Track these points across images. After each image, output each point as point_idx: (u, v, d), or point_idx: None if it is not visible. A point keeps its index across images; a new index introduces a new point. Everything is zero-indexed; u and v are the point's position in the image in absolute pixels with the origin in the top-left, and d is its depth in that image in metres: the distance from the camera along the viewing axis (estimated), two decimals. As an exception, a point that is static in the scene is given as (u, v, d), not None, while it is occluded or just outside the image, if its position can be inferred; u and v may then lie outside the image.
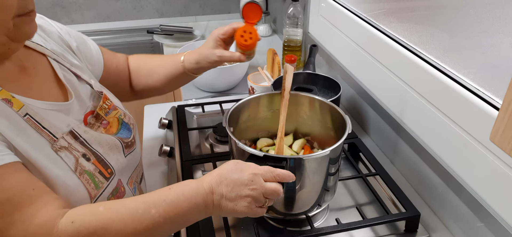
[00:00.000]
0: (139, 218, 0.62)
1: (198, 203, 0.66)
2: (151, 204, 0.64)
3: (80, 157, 0.71)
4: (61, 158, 0.68)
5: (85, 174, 0.70)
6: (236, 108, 0.88)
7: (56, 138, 0.68)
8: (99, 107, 0.81)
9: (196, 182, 0.68)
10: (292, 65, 1.38)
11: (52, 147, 0.67)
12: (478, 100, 0.78)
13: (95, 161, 0.73)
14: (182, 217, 0.66)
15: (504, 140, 0.42)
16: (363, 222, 0.83)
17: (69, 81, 0.78)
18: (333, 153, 0.78)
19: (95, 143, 0.75)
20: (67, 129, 0.71)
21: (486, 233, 0.76)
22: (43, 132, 0.67)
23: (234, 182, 0.67)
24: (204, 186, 0.67)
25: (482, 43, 0.81)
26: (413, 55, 0.97)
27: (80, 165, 0.70)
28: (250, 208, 0.68)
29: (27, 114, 0.66)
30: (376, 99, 1.12)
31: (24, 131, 0.65)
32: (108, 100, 0.84)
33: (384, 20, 1.12)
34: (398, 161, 1.05)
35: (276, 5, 2.06)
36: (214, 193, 0.67)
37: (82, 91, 0.80)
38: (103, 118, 0.81)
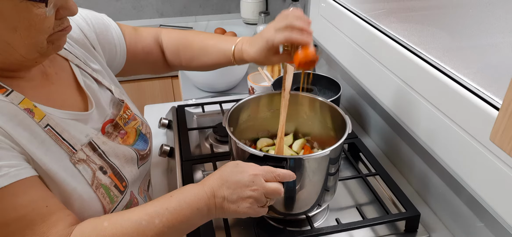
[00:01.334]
0: (143, 229, 0.62)
1: (201, 208, 0.66)
2: (154, 214, 0.63)
3: (97, 170, 0.69)
4: (79, 171, 0.67)
5: (101, 188, 0.69)
6: (236, 108, 0.88)
7: (75, 150, 0.67)
8: (119, 117, 0.80)
9: (197, 187, 0.67)
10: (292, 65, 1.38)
11: (71, 160, 0.66)
12: (478, 100, 0.78)
13: (111, 175, 0.72)
14: (186, 223, 0.66)
15: (504, 140, 0.42)
16: (363, 222, 0.83)
17: (89, 87, 0.76)
18: (333, 153, 0.78)
19: (112, 155, 0.73)
20: (86, 140, 0.70)
21: (486, 233, 0.76)
22: (63, 144, 0.66)
23: (235, 184, 0.66)
24: (206, 190, 0.67)
25: (482, 43, 0.81)
26: (413, 55, 0.97)
27: (97, 179, 0.69)
28: (252, 209, 0.68)
29: (48, 125, 0.64)
30: (376, 99, 1.12)
31: (44, 143, 0.63)
32: (129, 110, 0.83)
33: (384, 20, 1.12)
34: (398, 161, 1.05)
35: (276, 5, 2.06)
36: (216, 197, 0.67)
37: (103, 98, 0.78)
38: (122, 128, 0.80)
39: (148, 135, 0.86)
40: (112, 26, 0.91)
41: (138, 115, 0.87)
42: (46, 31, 0.61)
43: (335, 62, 1.36)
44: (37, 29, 0.59)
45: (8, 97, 0.61)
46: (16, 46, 0.60)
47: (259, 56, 0.84)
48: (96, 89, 0.78)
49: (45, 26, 0.60)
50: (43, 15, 0.59)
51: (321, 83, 1.20)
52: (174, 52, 0.97)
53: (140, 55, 0.95)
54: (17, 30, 0.58)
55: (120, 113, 0.80)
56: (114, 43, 0.90)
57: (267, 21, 2.06)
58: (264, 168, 0.69)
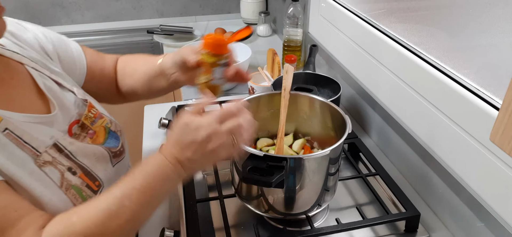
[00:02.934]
0: (115, 214, 0.60)
1: (170, 176, 0.64)
2: (122, 196, 0.61)
3: (65, 171, 0.67)
4: (45, 173, 0.65)
5: (72, 189, 0.67)
6: (236, 108, 0.88)
7: (39, 152, 0.65)
8: (85, 116, 0.78)
9: (158, 157, 0.64)
10: (292, 65, 1.38)
11: (35, 163, 0.64)
12: (478, 100, 0.78)
13: (81, 175, 0.70)
14: (158, 196, 0.65)
15: (504, 140, 0.42)
16: (363, 222, 0.83)
17: (50, 90, 0.74)
18: (333, 153, 0.78)
19: (81, 155, 0.71)
20: (50, 142, 0.68)
21: (486, 233, 0.76)
22: (25, 147, 0.64)
23: (192, 144, 0.63)
24: (169, 159, 0.64)
25: (482, 43, 0.81)
26: (413, 55, 0.97)
27: (66, 180, 0.67)
28: (222, 155, 0.65)
29: (6, 129, 0.62)
30: (376, 99, 1.12)
31: (5, 147, 0.61)
32: (94, 109, 0.81)
33: (384, 20, 1.12)
34: (398, 161, 1.05)
35: (276, 5, 2.06)
36: (181, 161, 0.64)
37: (66, 99, 0.76)
38: (89, 128, 0.78)
39: (119, 133, 0.84)
40: (71, 43, 0.90)
41: (105, 113, 0.85)
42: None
43: (335, 62, 1.36)
44: None
45: None
46: None
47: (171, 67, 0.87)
48: (58, 91, 0.76)
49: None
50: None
51: (321, 83, 1.20)
52: (122, 68, 0.98)
53: (97, 76, 0.93)
54: None
55: (85, 112, 0.78)
56: (73, 58, 0.88)
57: (267, 21, 2.06)
58: (214, 114, 0.65)
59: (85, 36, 2.18)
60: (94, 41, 2.16)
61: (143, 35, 2.18)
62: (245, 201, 0.84)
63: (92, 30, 2.19)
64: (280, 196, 0.78)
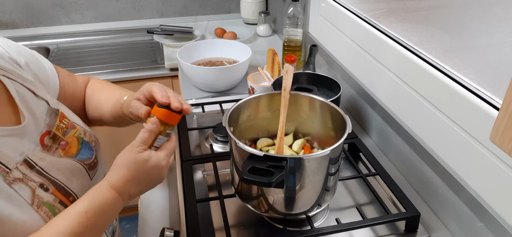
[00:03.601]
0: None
1: (119, 209, 0.69)
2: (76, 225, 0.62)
3: (37, 188, 0.64)
4: (15, 191, 0.61)
5: (44, 206, 0.64)
6: (236, 108, 0.88)
7: (8, 169, 0.62)
8: (56, 127, 0.73)
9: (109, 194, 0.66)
10: (292, 65, 1.38)
11: (5, 180, 0.60)
12: (478, 100, 0.78)
13: (54, 191, 0.67)
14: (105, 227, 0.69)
15: (504, 140, 0.42)
16: (363, 222, 0.83)
17: (23, 98, 0.70)
18: (333, 153, 0.78)
19: (53, 170, 0.68)
20: (20, 158, 0.64)
21: (486, 233, 0.76)
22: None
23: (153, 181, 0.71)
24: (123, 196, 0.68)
25: (482, 43, 0.81)
26: (413, 55, 0.97)
27: (37, 197, 0.64)
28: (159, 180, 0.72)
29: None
30: (376, 99, 1.12)
31: None
32: (66, 119, 0.77)
33: (384, 20, 1.12)
34: (398, 161, 1.05)
35: (276, 5, 2.06)
36: (131, 195, 0.69)
37: (38, 109, 0.72)
38: (61, 139, 0.73)
39: (92, 143, 0.80)
40: (45, 60, 0.86)
41: (78, 123, 0.80)
42: None
43: (335, 62, 1.36)
44: None
45: None
46: None
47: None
48: (31, 99, 0.72)
49: None
50: None
51: (321, 83, 1.20)
52: (88, 96, 0.95)
53: (69, 97, 0.89)
54: None
55: (56, 123, 0.74)
56: (47, 74, 0.84)
57: (267, 21, 2.06)
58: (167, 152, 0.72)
59: (85, 36, 2.18)
60: (94, 41, 2.15)
61: (143, 35, 2.18)
62: (245, 201, 0.84)
63: (92, 30, 2.19)
64: (280, 196, 0.78)
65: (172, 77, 1.97)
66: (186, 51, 1.55)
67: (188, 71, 1.46)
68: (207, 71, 1.45)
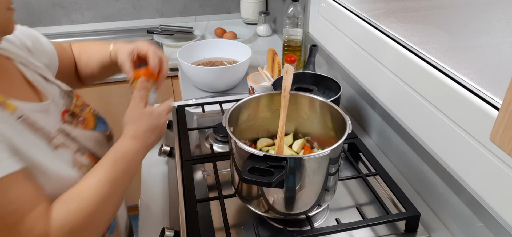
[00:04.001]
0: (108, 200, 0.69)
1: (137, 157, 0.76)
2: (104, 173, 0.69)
3: (75, 152, 0.73)
4: (60, 155, 0.69)
5: (84, 168, 0.72)
6: (236, 108, 0.88)
7: (52, 135, 0.69)
8: (74, 106, 0.82)
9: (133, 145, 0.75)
10: (292, 65, 1.38)
11: (50, 145, 0.68)
12: (478, 100, 0.78)
13: (89, 155, 0.76)
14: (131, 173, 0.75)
15: (504, 140, 0.42)
16: (363, 222, 0.83)
17: (38, 82, 0.77)
18: (333, 153, 0.78)
19: (83, 139, 0.77)
20: (56, 127, 0.72)
21: (486, 233, 0.76)
22: (39, 132, 0.67)
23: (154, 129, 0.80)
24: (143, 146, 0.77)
25: (482, 43, 0.81)
26: (413, 55, 0.97)
27: (77, 160, 0.72)
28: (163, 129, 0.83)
29: (22, 116, 0.65)
30: (376, 99, 1.12)
31: (22, 133, 0.64)
32: (80, 98, 0.86)
33: (384, 20, 1.12)
34: (398, 161, 1.05)
35: (276, 5, 2.06)
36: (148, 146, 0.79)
37: (52, 92, 0.79)
38: (79, 116, 0.82)
39: (104, 118, 0.91)
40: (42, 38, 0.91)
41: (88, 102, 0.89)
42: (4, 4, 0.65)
43: (335, 62, 1.36)
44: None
45: None
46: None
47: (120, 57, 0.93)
48: (45, 84, 0.79)
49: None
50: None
51: (321, 83, 1.20)
52: (78, 56, 1.01)
53: (66, 66, 0.96)
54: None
55: (73, 102, 0.83)
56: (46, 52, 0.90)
57: (267, 21, 2.06)
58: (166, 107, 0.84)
59: (85, 36, 2.18)
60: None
61: (143, 35, 2.18)
62: (245, 201, 0.84)
63: (92, 30, 2.19)
64: (280, 196, 0.78)
65: (172, 77, 1.97)
66: (186, 51, 1.55)
67: (188, 71, 1.46)
68: (207, 71, 1.45)
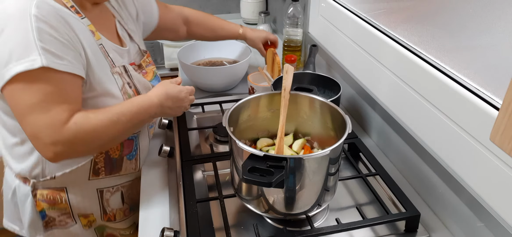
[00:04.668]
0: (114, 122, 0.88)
1: (152, 113, 0.95)
2: (120, 113, 0.89)
3: (125, 84, 0.97)
4: (115, 79, 0.95)
5: (126, 95, 0.96)
6: (236, 108, 0.88)
7: (115, 65, 0.96)
8: (143, 60, 1.09)
9: (150, 98, 0.95)
10: (292, 65, 1.38)
11: (111, 70, 0.95)
12: (478, 100, 0.78)
13: (134, 90, 0.99)
14: (141, 122, 0.95)
15: (504, 140, 0.42)
16: (363, 222, 0.83)
17: (124, 37, 1.06)
18: (333, 153, 0.78)
19: (136, 80, 1.01)
20: (121, 63, 0.99)
21: (486, 233, 0.76)
22: (108, 58, 0.95)
23: (175, 98, 0.98)
24: (156, 102, 0.95)
25: (482, 43, 0.81)
26: (413, 55, 0.97)
27: (124, 88, 0.97)
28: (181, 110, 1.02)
29: (101, 44, 0.94)
30: (376, 99, 1.12)
31: (97, 53, 0.92)
32: (149, 57, 1.13)
33: (384, 20, 1.12)
34: (398, 161, 1.05)
35: (276, 5, 2.06)
36: (163, 106, 0.96)
37: (131, 48, 1.07)
38: (144, 68, 1.09)
39: (160, 78, 1.15)
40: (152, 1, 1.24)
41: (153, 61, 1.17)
42: None
43: (335, 62, 1.36)
44: None
45: (82, 20, 0.91)
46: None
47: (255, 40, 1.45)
48: (128, 41, 1.07)
49: None
50: None
51: (321, 83, 1.20)
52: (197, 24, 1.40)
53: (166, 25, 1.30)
54: None
55: (144, 58, 1.10)
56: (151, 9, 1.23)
57: (267, 21, 2.06)
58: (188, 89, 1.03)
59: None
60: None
61: (143, 35, 2.18)
62: (245, 201, 0.84)
63: (92, 30, 2.19)
64: (280, 196, 0.78)
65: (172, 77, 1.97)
66: (186, 51, 1.55)
67: (188, 71, 1.46)
68: (207, 71, 1.45)
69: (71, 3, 0.90)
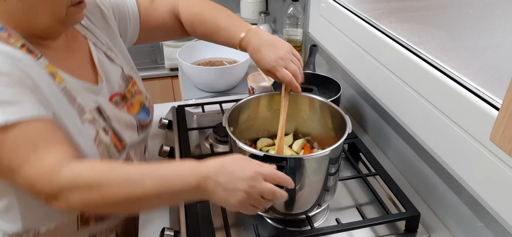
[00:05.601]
0: (131, 183, 0.64)
1: (191, 184, 0.64)
2: (146, 174, 0.65)
3: (100, 130, 0.80)
4: (85, 128, 0.77)
5: (103, 145, 0.79)
6: (236, 108, 0.88)
7: (84, 111, 0.78)
8: (127, 90, 0.92)
9: (194, 163, 0.66)
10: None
11: (80, 118, 0.77)
12: (478, 100, 0.78)
13: (112, 135, 0.82)
14: (171, 194, 0.66)
15: (504, 140, 0.42)
16: (363, 222, 0.83)
17: (101, 63, 0.87)
18: (333, 153, 0.78)
19: (115, 120, 0.84)
20: (94, 105, 0.81)
21: (486, 233, 0.76)
22: (75, 104, 0.77)
23: (233, 174, 0.64)
24: (201, 170, 0.65)
25: (482, 43, 0.81)
26: (413, 55, 0.97)
27: (99, 137, 0.79)
28: (243, 204, 0.65)
29: (65, 87, 0.76)
30: (376, 99, 1.12)
31: (60, 100, 0.74)
32: (136, 85, 0.95)
33: (384, 20, 1.12)
34: (398, 161, 1.05)
35: (276, 5, 2.06)
36: (210, 179, 0.64)
37: (113, 73, 0.89)
38: (128, 99, 0.91)
39: (150, 109, 0.98)
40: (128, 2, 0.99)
41: (143, 90, 0.98)
42: (65, 1, 0.73)
43: (335, 62, 1.36)
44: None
45: (38, 61, 0.73)
46: (40, 12, 0.72)
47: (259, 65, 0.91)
48: (108, 65, 0.88)
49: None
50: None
51: (321, 83, 1.20)
52: (189, 25, 1.02)
53: (153, 26, 1.02)
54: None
55: (128, 87, 0.92)
56: (128, 17, 0.98)
57: (267, 21, 2.06)
58: (267, 168, 0.66)
59: None
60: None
61: (143, 35, 2.17)
62: (245, 201, 0.84)
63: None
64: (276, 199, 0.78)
65: (172, 77, 1.97)
66: (186, 51, 1.55)
67: (188, 71, 1.46)
68: (207, 71, 1.45)
69: (21, 41, 0.73)
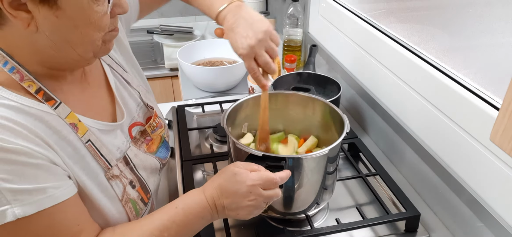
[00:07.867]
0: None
1: (205, 216, 0.69)
2: (163, 229, 0.65)
3: (127, 185, 0.71)
4: (111, 187, 0.68)
5: (130, 202, 0.71)
6: (234, 107, 0.88)
7: (110, 166, 0.68)
8: (148, 125, 0.82)
9: (199, 195, 0.69)
10: (292, 65, 1.38)
11: (105, 175, 0.67)
12: (478, 100, 0.78)
13: (139, 188, 0.73)
14: (191, 231, 0.69)
15: (504, 140, 0.42)
16: (363, 222, 0.83)
17: (120, 92, 0.78)
18: (332, 152, 0.77)
19: (141, 168, 0.75)
20: (120, 155, 0.71)
21: (486, 233, 0.76)
22: (100, 159, 0.67)
23: (233, 194, 0.67)
24: (208, 201, 0.68)
25: (482, 43, 0.81)
26: (413, 55, 0.97)
27: (126, 193, 0.70)
28: (252, 213, 0.70)
29: (89, 140, 0.65)
30: (376, 99, 1.12)
31: (83, 158, 0.64)
32: (157, 118, 0.85)
33: (384, 20, 1.12)
34: (398, 161, 1.04)
35: (276, 5, 2.06)
36: (217, 205, 0.68)
37: (131, 101, 0.80)
38: (148, 135, 0.81)
39: (169, 141, 0.89)
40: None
41: (162, 118, 0.89)
42: (103, 29, 0.61)
43: (335, 62, 1.36)
44: (95, 27, 0.60)
45: (56, 110, 0.62)
46: (75, 45, 0.60)
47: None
48: (126, 90, 0.80)
49: (103, 24, 0.60)
50: (102, 13, 0.59)
51: (321, 83, 1.20)
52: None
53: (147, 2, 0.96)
54: (78, 28, 0.58)
55: (150, 122, 0.82)
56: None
57: (267, 21, 2.06)
58: (261, 177, 0.68)
59: None
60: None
61: (143, 35, 2.18)
62: (245, 201, 0.84)
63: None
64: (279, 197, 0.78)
65: (172, 77, 1.97)
66: (186, 51, 1.55)
67: (188, 71, 1.46)
68: (207, 71, 1.45)
69: (37, 86, 0.60)
